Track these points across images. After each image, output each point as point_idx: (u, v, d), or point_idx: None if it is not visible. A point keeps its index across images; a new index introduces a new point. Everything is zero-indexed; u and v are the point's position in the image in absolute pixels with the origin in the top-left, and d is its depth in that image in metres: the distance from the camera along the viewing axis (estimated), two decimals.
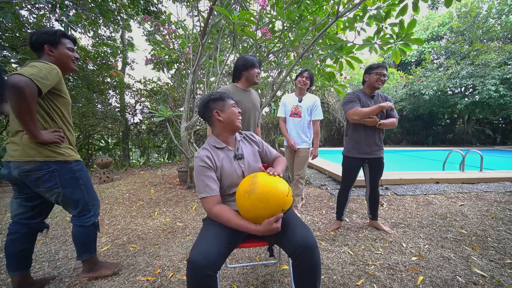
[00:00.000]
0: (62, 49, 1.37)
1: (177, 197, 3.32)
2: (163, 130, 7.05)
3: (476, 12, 11.21)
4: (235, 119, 1.24)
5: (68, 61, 1.40)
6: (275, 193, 1.00)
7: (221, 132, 1.26)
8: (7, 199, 3.38)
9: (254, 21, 2.63)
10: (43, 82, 1.19)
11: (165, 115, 3.21)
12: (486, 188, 3.32)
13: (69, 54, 1.40)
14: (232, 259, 1.75)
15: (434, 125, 13.98)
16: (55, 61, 1.35)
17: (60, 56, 1.37)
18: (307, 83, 2.49)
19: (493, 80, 8.79)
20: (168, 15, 3.89)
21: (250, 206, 1.01)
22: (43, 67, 1.22)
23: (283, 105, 2.65)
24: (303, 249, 0.99)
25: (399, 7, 2.24)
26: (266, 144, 1.42)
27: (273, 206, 1.00)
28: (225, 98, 1.25)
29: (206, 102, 1.24)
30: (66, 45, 1.39)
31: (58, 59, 1.37)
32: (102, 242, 2.05)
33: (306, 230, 1.06)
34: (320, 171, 4.64)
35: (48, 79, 1.22)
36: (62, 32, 1.39)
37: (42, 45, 1.33)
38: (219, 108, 1.23)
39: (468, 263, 1.64)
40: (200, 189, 1.14)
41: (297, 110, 2.53)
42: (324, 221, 2.43)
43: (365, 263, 1.66)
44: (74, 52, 1.43)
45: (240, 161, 1.26)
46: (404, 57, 11.49)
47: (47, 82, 1.22)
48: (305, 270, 1.00)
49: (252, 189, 1.01)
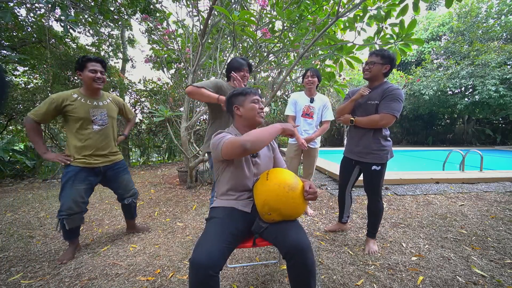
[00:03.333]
0: (85, 72, 1.72)
1: (177, 197, 3.32)
2: (163, 130, 7.04)
3: (476, 12, 11.21)
4: (255, 114, 1.25)
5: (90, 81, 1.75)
6: (302, 203, 1.11)
7: (241, 126, 1.29)
8: (7, 199, 3.39)
9: (254, 21, 2.63)
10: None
11: (165, 115, 3.21)
12: (486, 188, 3.32)
13: (90, 75, 1.72)
14: (232, 259, 1.75)
15: (434, 125, 13.99)
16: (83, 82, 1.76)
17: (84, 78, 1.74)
18: (314, 81, 2.39)
19: (493, 80, 8.79)
20: (168, 15, 3.89)
21: (282, 198, 1.07)
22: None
23: (293, 104, 2.49)
24: (296, 251, 0.99)
25: (399, 7, 2.24)
26: (279, 154, 1.43)
27: (293, 210, 1.10)
28: (246, 93, 1.26)
29: (229, 97, 1.29)
30: (89, 68, 1.72)
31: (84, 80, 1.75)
32: (102, 242, 2.05)
33: (299, 232, 1.06)
34: (320, 171, 4.65)
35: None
36: (86, 57, 1.72)
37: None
38: (239, 103, 1.25)
39: (468, 263, 1.64)
40: (221, 139, 1.11)
41: (309, 111, 2.45)
42: (324, 221, 2.43)
43: (365, 263, 1.66)
44: (97, 73, 1.74)
45: (254, 159, 1.27)
46: (404, 57, 11.49)
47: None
48: (299, 271, 1.01)
49: (296, 187, 1.09)
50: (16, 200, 3.34)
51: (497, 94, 8.69)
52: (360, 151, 1.76)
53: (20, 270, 1.64)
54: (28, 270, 1.64)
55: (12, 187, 4.31)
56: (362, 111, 1.74)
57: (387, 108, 1.60)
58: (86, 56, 1.70)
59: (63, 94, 1.69)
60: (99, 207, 2.98)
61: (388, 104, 1.60)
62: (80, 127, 1.73)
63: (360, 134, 1.76)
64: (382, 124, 1.63)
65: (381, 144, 1.69)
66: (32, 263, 1.73)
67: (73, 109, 1.70)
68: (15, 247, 1.96)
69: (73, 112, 1.70)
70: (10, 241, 2.08)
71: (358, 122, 1.72)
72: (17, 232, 2.27)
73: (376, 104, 1.66)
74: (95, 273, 1.59)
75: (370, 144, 1.71)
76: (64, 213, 1.70)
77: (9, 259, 1.78)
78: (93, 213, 2.77)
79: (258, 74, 4.88)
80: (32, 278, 1.55)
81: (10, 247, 1.97)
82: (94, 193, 3.62)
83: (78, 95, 1.74)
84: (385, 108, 1.61)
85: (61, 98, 1.67)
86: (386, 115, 1.60)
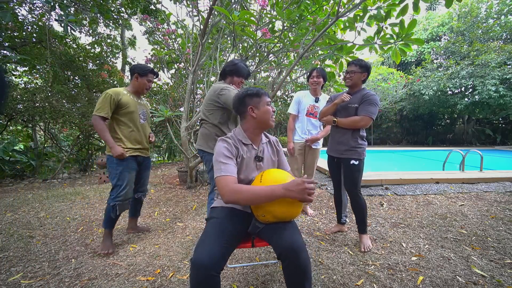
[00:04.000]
0: (144, 79, 1.99)
1: (177, 197, 3.32)
2: (163, 130, 7.04)
3: (476, 12, 11.21)
4: (269, 117, 1.22)
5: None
6: (296, 205, 1.09)
7: (251, 128, 1.25)
8: (7, 199, 3.39)
9: (254, 21, 2.63)
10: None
11: (165, 115, 3.21)
12: (486, 188, 3.32)
13: (147, 84, 2.01)
14: (232, 259, 1.75)
15: (434, 125, 14.00)
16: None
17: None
18: (320, 82, 2.40)
19: (493, 80, 8.80)
20: (168, 15, 3.89)
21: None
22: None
23: (297, 103, 2.50)
24: (289, 252, 0.98)
25: (399, 7, 2.24)
26: (283, 157, 1.41)
27: (287, 212, 1.08)
28: (261, 95, 1.23)
29: (243, 97, 1.23)
30: (148, 77, 2.00)
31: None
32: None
33: (294, 233, 1.05)
34: (320, 171, 4.65)
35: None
36: (151, 69, 2.00)
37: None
38: (254, 104, 1.21)
39: (468, 263, 1.64)
40: (219, 167, 1.10)
41: (314, 111, 2.46)
42: (324, 221, 2.43)
43: (365, 263, 1.66)
44: (151, 83, 2.04)
45: (258, 163, 1.26)
46: (404, 57, 11.49)
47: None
48: (292, 272, 1.00)
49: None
50: (16, 200, 3.34)
51: (497, 94, 8.70)
52: (340, 149, 1.94)
53: (20, 270, 1.64)
54: (28, 270, 1.64)
55: (12, 187, 4.31)
56: (343, 113, 1.94)
57: (365, 111, 1.81)
58: (150, 68, 1.99)
59: (117, 90, 1.88)
60: (99, 207, 2.98)
61: (367, 108, 1.81)
62: (130, 119, 1.92)
63: (341, 133, 1.95)
64: (361, 124, 1.84)
65: (358, 142, 1.90)
66: (32, 263, 1.73)
67: (127, 102, 1.89)
68: (15, 247, 1.96)
69: (126, 105, 1.89)
70: (10, 241, 2.08)
71: (340, 122, 1.92)
72: (17, 232, 2.27)
73: (356, 107, 1.86)
74: (95, 273, 1.59)
75: (349, 142, 1.90)
76: (120, 199, 1.85)
77: (9, 259, 1.78)
78: (93, 213, 2.77)
79: (258, 74, 4.89)
80: (32, 278, 1.55)
81: (10, 247, 1.97)
82: (94, 193, 3.62)
83: (127, 92, 1.94)
84: (363, 111, 1.82)
85: (116, 92, 1.85)
86: (365, 117, 1.81)
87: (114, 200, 1.84)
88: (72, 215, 2.71)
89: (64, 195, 3.52)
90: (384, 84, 10.14)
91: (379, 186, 3.45)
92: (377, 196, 3.09)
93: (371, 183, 3.47)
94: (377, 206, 2.78)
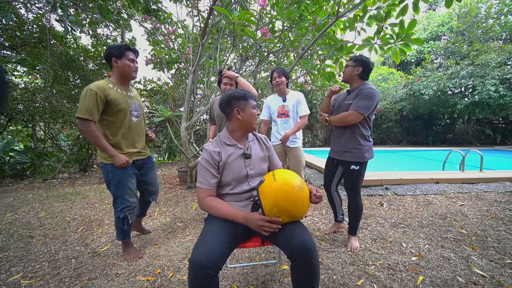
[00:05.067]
0: (124, 60, 1.62)
1: (177, 197, 3.32)
2: (163, 130, 7.04)
3: (476, 12, 11.20)
4: (253, 120, 1.26)
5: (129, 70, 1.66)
6: (308, 204, 1.13)
7: (236, 129, 1.28)
8: (7, 199, 3.39)
9: (254, 21, 2.63)
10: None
11: (165, 115, 3.21)
12: (486, 188, 3.32)
13: (129, 64, 1.64)
14: (232, 259, 1.75)
15: (434, 125, 13.98)
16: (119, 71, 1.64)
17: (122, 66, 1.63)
18: (282, 81, 2.36)
19: (493, 80, 8.79)
20: (168, 15, 3.89)
21: (292, 197, 1.06)
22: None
23: (266, 108, 2.53)
24: (301, 251, 0.98)
25: (399, 7, 2.25)
26: (275, 154, 1.43)
27: (301, 210, 1.10)
28: (248, 98, 1.25)
29: (230, 99, 1.25)
30: (128, 57, 1.63)
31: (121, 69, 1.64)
32: (102, 242, 2.05)
33: (304, 232, 1.05)
34: (320, 171, 4.64)
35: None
36: (126, 46, 1.63)
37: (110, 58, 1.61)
38: (241, 107, 1.24)
39: (468, 263, 1.64)
40: (200, 178, 1.22)
41: (284, 110, 2.44)
42: (324, 221, 2.43)
43: (365, 263, 1.66)
44: (134, 63, 1.67)
45: (247, 160, 1.27)
46: (404, 57, 11.48)
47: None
48: (303, 272, 1.00)
49: (304, 187, 1.10)
50: (16, 200, 3.34)
51: (497, 94, 8.69)
52: (339, 150, 1.86)
53: (20, 270, 1.64)
54: (28, 270, 1.64)
55: (12, 187, 4.31)
56: (340, 110, 1.85)
57: (354, 106, 1.71)
58: (126, 45, 1.61)
59: (100, 84, 1.53)
60: (99, 207, 2.98)
61: (357, 102, 1.70)
62: (122, 118, 1.63)
63: (339, 133, 1.87)
64: (348, 120, 1.72)
65: (359, 143, 1.76)
66: (32, 263, 1.73)
67: (116, 98, 1.57)
68: (15, 247, 1.96)
69: (116, 102, 1.58)
70: (10, 241, 2.08)
71: (331, 120, 1.84)
72: (17, 232, 2.27)
73: (351, 104, 1.77)
74: (95, 273, 1.59)
75: (347, 143, 1.80)
76: (129, 207, 1.70)
77: (9, 259, 1.78)
78: (93, 213, 2.77)
79: (258, 74, 4.89)
80: (32, 278, 1.55)
81: (10, 247, 1.97)
82: (94, 193, 3.62)
83: (112, 84, 1.60)
84: (353, 106, 1.72)
85: (101, 87, 1.51)
86: (352, 112, 1.70)
87: (123, 212, 1.69)
88: (72, 215, 2.71)
89: (64, 195, 3.52)
90: (384, 84, 10.14)
91: (379, 186, 3.45)
92: (377, 196, 3.09)
93: (371, 183, 3.47)
94: (377, 206, 2.78)
